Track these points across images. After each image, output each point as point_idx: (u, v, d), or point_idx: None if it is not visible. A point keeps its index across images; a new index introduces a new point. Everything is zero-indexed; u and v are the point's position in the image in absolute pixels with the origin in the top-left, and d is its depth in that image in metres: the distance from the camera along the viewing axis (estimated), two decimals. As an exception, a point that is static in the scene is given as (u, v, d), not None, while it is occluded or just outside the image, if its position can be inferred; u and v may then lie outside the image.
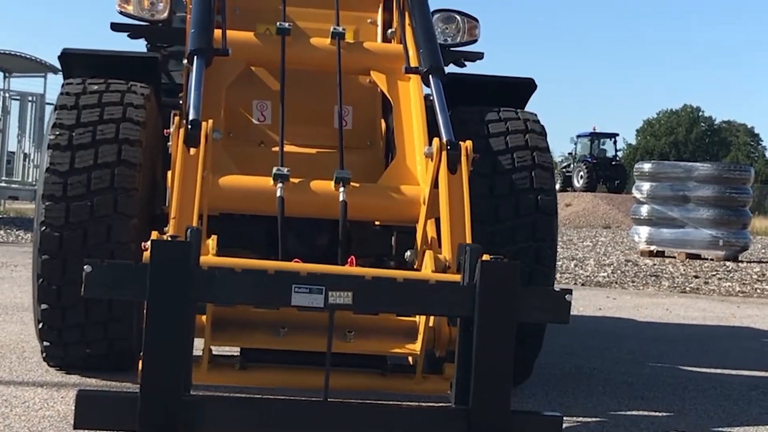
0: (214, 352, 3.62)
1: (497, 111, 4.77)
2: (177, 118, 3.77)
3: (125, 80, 4.51)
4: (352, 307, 3.22)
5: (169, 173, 3.73)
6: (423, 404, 3.54)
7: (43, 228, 4.12)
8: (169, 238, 3.11)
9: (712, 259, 16.95)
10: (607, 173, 41.79)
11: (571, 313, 3.22)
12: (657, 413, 4.49)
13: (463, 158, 3.86)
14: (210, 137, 3.74)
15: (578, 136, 43.75)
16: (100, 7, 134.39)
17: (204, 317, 3.37)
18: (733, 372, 5.69)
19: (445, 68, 4.56)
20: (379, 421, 3.22)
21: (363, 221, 4.29)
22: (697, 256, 17.24)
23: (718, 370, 5.71)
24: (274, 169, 3.91)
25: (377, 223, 4.41)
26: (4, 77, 22.84)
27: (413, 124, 4.34)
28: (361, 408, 3.26)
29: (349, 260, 3.73)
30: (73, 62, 4.69)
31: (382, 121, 4.91)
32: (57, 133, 4.24)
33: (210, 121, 3.76)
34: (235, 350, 3.74)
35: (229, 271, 3.17)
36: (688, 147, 79.06)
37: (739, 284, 12.49)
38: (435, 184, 3.88)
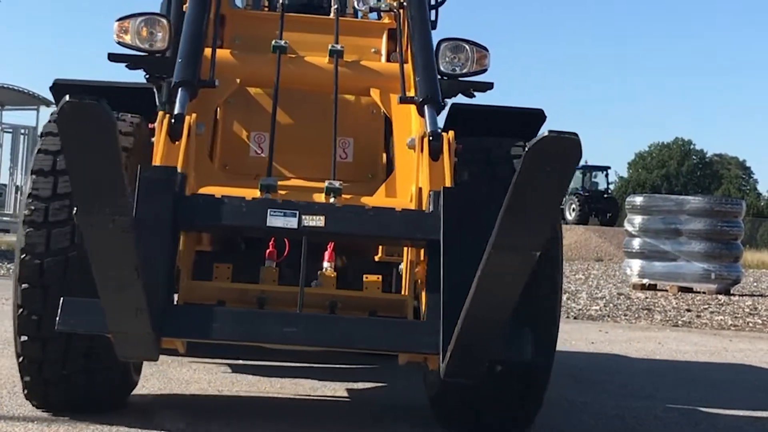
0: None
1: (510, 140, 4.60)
2: (161, 113, 3.87)
3: (116, 110, 4.36)
4: (324, 229, 3.44)
5: None
6: (398, 318, 3.73)
7: (24, 256, 3.98)
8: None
9: (704, 293, 16.96)
10: (599, 206, 41.85)
11: (563, 348, 3.25)
12: (649, 448, 4.48)
13: (445, 147, 3.96)
14: (193, 130, 3.86)
15: (570, 169, 43.82)
16: (96, 38, 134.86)
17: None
18: (726, 406, 5.68)
19: (454, 98, 4.68)
20: (352, 332, 3.40)
21: (362, 252, 4.37)
22: (689, 290, 17.25)
23: (710, 405, 5.70)
24: (261, 180, 3.95)
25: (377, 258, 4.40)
26: (-3, 110, 22.90)
27: (407, 137, 4.37)
28: (335, 319, 3.53)
29: (328, 252, 3.93)
30: (65, 93, 4.57)
31: (384, 153, 4.92)
32: (41, 158, 4.11)
33: (194, 115, 3.84)
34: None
35: (211, 197, 3.50)
36: (679, 180, 79.26)
37: (731, 318, 12.49)
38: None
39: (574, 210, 41.57)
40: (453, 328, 3.11)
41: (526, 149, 2.59)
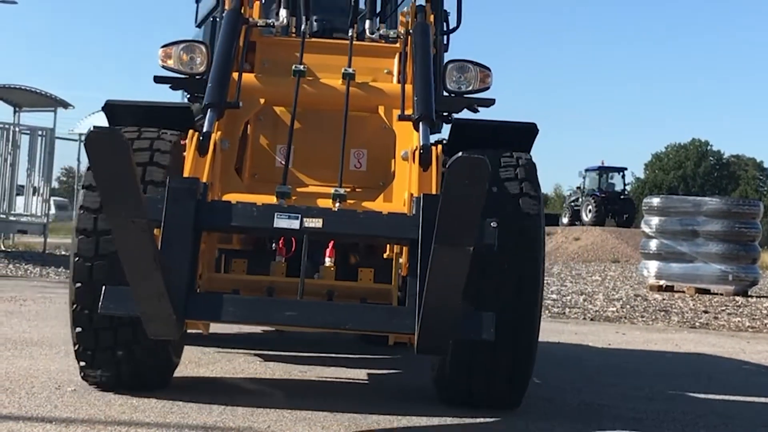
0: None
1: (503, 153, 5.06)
2: (191, 131, 4.57)
3: (161, 127, 4.99)
4: (322, 229, 4.12)
5: None
6: (384, 304, 4.47)
7: (77, 259, 4.62)
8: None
9: (721, 294, 16.91)
10: (616, 207, 41.74)
11: (579, 349, 3.29)
12: (667, 450, 4.47)
13: (434, 158, 4.59)
14: (218, 146, 4.59)
15: (587, 170, 43.74)
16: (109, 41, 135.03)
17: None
18: (743, 408, 5.66)
19: (460, 113, 5.29)
20: (343, 316, 4.12)
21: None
22: (707, 291, 17.20)
23: (728, 407, 5.68)
24: (277, 187, 4.51)
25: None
26: (14, 111, 22.94)
27: (402, 146, 4.95)
28: (329, 305, 4.35)
29: (329, 249, 4.67)
30: (115, 112, 5.17)
31: (394, 163, 5.30)
32: (90, 175, 4.59)
33: (219, 133, 4.55)
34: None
35: (227, 203, 4.19)
36: (696, 181, 79.04)
37: (748, 319, 12.45)
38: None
39: (590, 211, 41.49)
40: (429, 312, 3.75)
41: (447, 167, 3.27)
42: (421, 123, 4.86)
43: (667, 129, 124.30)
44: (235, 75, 5.11)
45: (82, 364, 4.83)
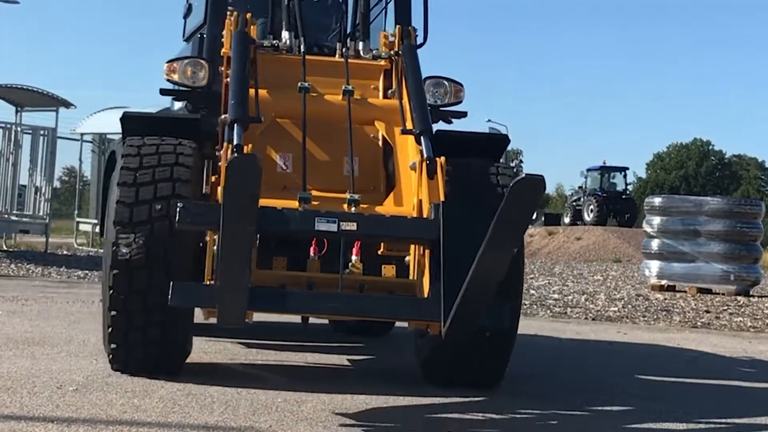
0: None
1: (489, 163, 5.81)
2: (226, 144, 5.21)
3: (173, 136, 5.58)
4: (356, 232, 4.72)
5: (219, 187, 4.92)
6: (409, 296, 5.00)
7: (114, 248, 5.14)
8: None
9: (723, 294, 16.91)
10: (618, 207, 41.77)
11: (582, 350, 3.35)
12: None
13: (439, 168, 5.17)
14: None
15: (588, 170, 43.79)
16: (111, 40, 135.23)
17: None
18: (747, 408, 5.66)
19: (435, 125, 5.75)
20: (377, 306, 4.82)
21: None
22: (708, 291, 17.21)
23: (730, 406, 5.68)
24: (299, 193, 5.20)
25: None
26: (16, 111, 22.97)
27: (408, 160, 5.52)
28: (364, 297, 4.93)
29: (355, 248, 5.19)
30: (132, 122, 5.81)
31: (383, 168, 6.02)
32: (125, 174, 5.31)
33: (250, 145, 5.17)
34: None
35: (275, 209, 4.75)
36: (698, 181, 79.05)
37: (750, 319, 12.45)
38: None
39: (592, 211, 41.54)
40: (450, 303, 4.26)
41: (511, 185, 3.82)
42: (422, 137, 5.41)
43: (668, 129, 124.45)
44: (251, 91, 5.61)
45: (113, 346, 5.32)
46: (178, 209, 4.58)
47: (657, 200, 18.55)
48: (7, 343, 6.50)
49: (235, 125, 5.22)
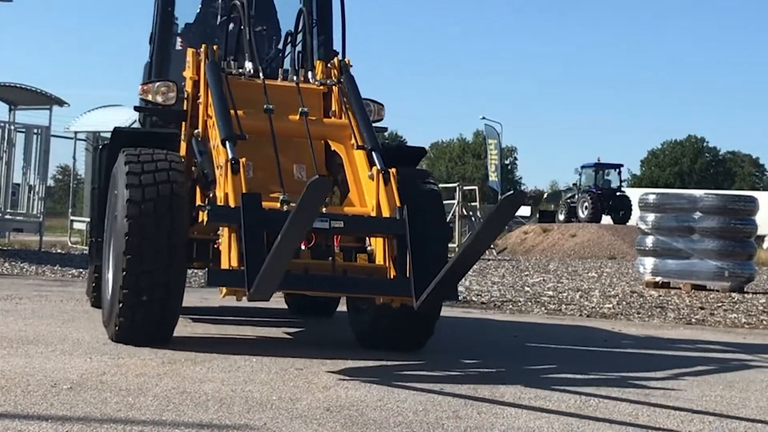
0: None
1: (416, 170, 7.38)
2: (224, 156, 6.29)
3: (158, 147, 6.82)
4: (343, 228, 6.14)
5: (217, 191, 6.34)
6: (381, 276, 6.24)
7: (126, 238, 6.28)
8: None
9: (717, 291, 16.91)
10: (612, 204, 41.75)
11: (579, 346, 3.32)
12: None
13: (392, 177, 6.47)
14: (244, 168, 6.21)
15: (582, 167, 43.77)
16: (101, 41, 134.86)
17: None
18: (742, 403, 5.67)
19: None
20: (360, 285, 6.18)
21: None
22: (703, 288, 17.20)
23: (725, 402, 5.69)
24: (281, 196, 6.31)
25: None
26: (10, 110, 22.93)
27: (359, 167, 6.76)
28: (350, 278, 6.17)
29: (336, 241, 6.32)
30: (120, 136, 7.42)
31: (330, 175, 7.13)
32: (131, 177, 6.46)
33: (244, 159, 6.22)
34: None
35: (279, 211, 6.02)
36: (692, 177, 79.16)
37: (744, 315, 12.45)
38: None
39: (586, 208, 41.51)
40: (421, 283, 5.74)
41: (500, 200, 4.93)
42: (374, 152, 6.68)
43: (663, 125, 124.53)
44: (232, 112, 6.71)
45: (121, 320, 6.39)
46: (207, 210, 5.95)
47: (651, 197, 18.54)
48: (1, 342, 6.49)
49: (227, 142, 6.34)
